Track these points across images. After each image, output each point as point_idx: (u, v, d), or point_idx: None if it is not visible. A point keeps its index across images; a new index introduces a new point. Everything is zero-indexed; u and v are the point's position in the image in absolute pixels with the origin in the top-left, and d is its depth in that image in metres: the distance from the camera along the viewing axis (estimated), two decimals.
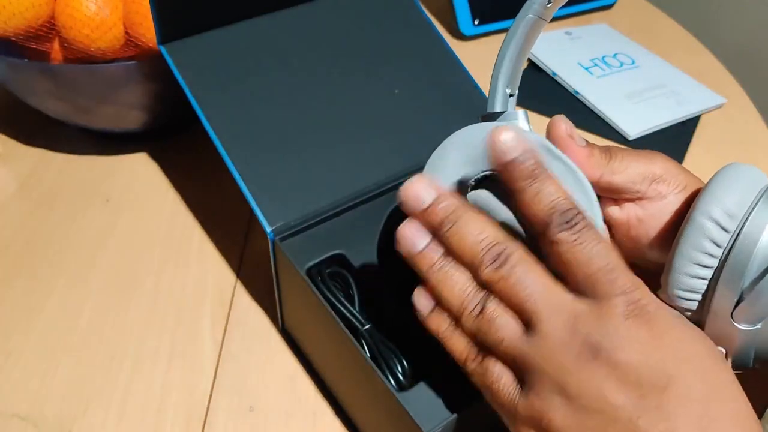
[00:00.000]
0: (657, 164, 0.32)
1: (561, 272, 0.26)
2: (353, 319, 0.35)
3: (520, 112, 0.32)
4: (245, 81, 0.43)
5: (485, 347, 0.28)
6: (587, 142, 0.32)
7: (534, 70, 0.72)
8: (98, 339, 0.44)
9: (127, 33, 0.50)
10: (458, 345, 0.28)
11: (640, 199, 0.32)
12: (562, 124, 0.31)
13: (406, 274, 0.37)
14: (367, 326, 0.35)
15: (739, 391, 0.25)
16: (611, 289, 0.25)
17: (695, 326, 0.27)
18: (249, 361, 0.43)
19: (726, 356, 0.34)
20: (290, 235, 0.39)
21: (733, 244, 0.30)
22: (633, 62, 0.72)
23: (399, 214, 0.38)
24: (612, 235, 0.33)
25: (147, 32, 0.49)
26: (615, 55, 0.73)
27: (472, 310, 0.27)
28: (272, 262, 0.40)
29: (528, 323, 0.26)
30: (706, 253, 0.31)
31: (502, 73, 0.32)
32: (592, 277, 0.25)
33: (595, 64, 0.71)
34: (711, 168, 0.31)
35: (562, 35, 0.77)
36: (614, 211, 0.33)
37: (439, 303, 0.29)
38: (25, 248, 0.49)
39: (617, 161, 0.32)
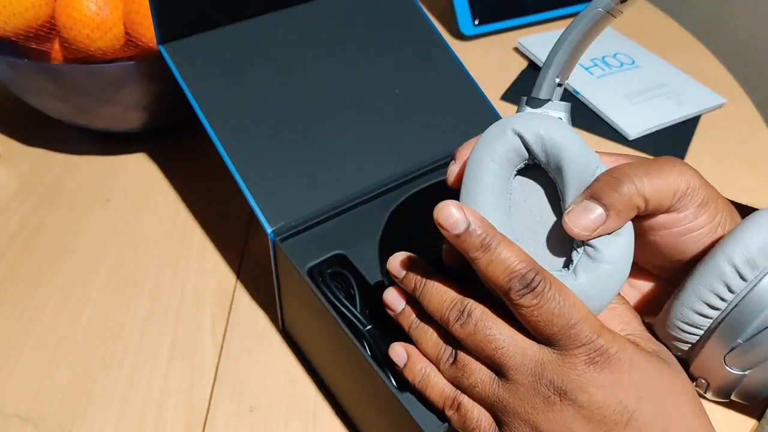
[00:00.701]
0: (684, 179, 0.30)
1: (525, 323, 0.28)
2: (354, 320, 0.35)
3: (563, 104, 0.31)
4: (245, 81, 0.43)
5: (463, 390, 0.30)
6: (599, 197, 0.29)
7: (534, 70, 0.72)
8: (98, 339, 0.44)
9: (127, 33, 0.50)
10: (435, 394, 0.31)
11: (666, 212, 0.31)
12: (580, 230, 0.28)
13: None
14: (369, 327, 0.35)
15: (699, 422, 0.28)
16: (573, 342, 0.27)
17: (660, 361, 0.28)
18: (249, 361, 0.43)
19: (707, 388, 0.34)
20: (291, 235, 0.38)
21: (747, 294, 0.30)
22: (633, 62, 0.72)
23: (401, 214, 0.38)
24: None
25: (147, 32, 0.49)
26: (615, 55, 0.73)
27: (447, 360, 0.31)
28: (273, 263, 0.40)
29: (498, 371, 0.29)
30: (718, 296, 0.30)
31: (556, 60, 0.30)
32: (555, 335, 0.27)
33: (595, 64, 0.71)
34: (711, 168, 0.31)
35: None
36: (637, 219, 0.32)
37: (422, 353, 0.32)
38: (25, 248, 0.49)
39: (647, 185, 0.29)
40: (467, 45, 0.77)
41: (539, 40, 0.75)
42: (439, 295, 0.31)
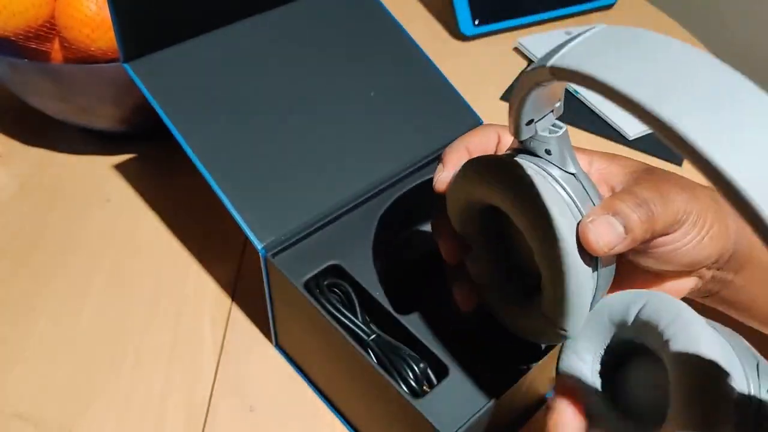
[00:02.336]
0: (685, 207, 0.29)
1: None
2: (358, 330, 0.35)
3: (549, 137, 0.28)
4: (219, 94, 0.41)
5: None
6: (618, 214, 0.28)
7: None
8: (98, 339, 0.44)
9: None
10: None
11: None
12: (599, 244, 0.27)
13: (404, 278, 0.37)
14: (373, 336, 0.35)
15: None
16: None
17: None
18: (249, 361, 0.43)
19: None
20: (282, 250, 0.38)
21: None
22: None
23: (390, 217, 0.38)
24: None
25: None
26: None
27: None
28: (265, 280, 0.39)
29: None
30: None
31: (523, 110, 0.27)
32: None
33: None
34: None
35: (562, 35, 0.77)
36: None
37: None
38: (25, 248, 0.49)
39: (660, 211, 0.28)
40: (467, 45, 0.77)
41: (539, 40, 0.75)
42: None
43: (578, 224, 0.27)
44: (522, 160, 0.29)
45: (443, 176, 0.32)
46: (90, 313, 0.45)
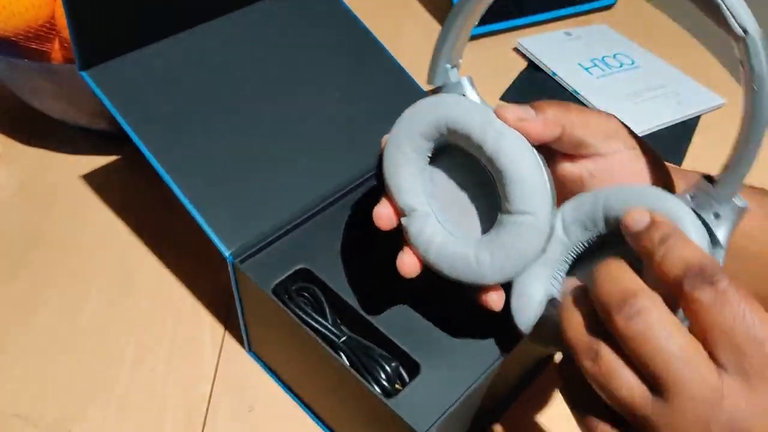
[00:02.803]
0: (612, 121, 0.32)
1: (699, 336, 0.24)
2: (328, 333, 0.35)
3: (464, 78, 0.33)
4: (181, 100, 0.41)
5: (601, 389, 0.26)
6: (536, 108, 0.31)
7: (534, 70, 0.72)
8: (98, 339, 0.44)
9: None
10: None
11: (594, 155, 0.32)
12: (508, 114, 0.30)
13: (372, 278, 0.37)
14: (344, 338, 0.35)
15: None
16: (765, 367, 0.22)
17: None
18: (249, 361, 0.43)
19: None
20: (249, 255, 0.37)
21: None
22: (633, 63, 0.72)
23: (357, 219, 0.38)
24: (566, 191, 0.33)
25: None
26: (615, 55, 0.73)
27: (590, 354, 0.26)
28: (234, 286, 0.39)
29: (656, 388, 0.24)
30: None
31: (444, 50, 0.33)
32: (738, 348, 0.22)
33: (595, 65, 0.71)
34: (711, 168, 0.30)
35: (562, 35, 0.77)
36: (567, 167, 0.33)
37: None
38: (25, 248, 0.49)
39: (575, 114, 0.32)
40: (467, 45, 0.77)
41: (539, 40, 0.75)
42: (612, 278, 0.25)
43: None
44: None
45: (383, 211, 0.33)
46: (90, 312, 0.45)
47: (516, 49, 0.76)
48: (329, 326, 0.35)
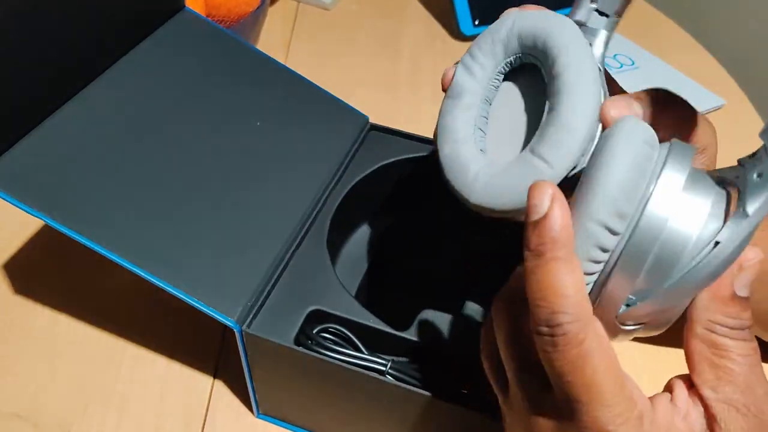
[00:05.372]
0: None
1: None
2: (373, 364, 0.33)
3: (602, 31, 0.29)
4: (101, 177, 0.35)
5: None
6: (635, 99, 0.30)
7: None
8: (98, 339, 0.44)
9: None
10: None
11: None
12: (611, 111, 0.28)
13: (388, 296, 0.36)
14: (389, 362, 0.33)
15: None
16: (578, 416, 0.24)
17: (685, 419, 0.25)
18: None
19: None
20: (253, 317, 0.34)
21: (624, 246, 0.24)
22: (632, 63, 0.72)
23: (338, 239, 0.35)
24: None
25: None
26: (615, 56, 0.73)
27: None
28: (242, 352, 0.35)
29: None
30: (593, 261, 0.25)
31: None
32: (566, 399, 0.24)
33: None
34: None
35: None
36: None
37: None
38: (24, 247, 0.49)
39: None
40: (467, 45, 0.77)
41: None
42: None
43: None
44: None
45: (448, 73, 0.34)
46: (89, 312, 0.45)
47: None
48: (369, 357, 0.33)
